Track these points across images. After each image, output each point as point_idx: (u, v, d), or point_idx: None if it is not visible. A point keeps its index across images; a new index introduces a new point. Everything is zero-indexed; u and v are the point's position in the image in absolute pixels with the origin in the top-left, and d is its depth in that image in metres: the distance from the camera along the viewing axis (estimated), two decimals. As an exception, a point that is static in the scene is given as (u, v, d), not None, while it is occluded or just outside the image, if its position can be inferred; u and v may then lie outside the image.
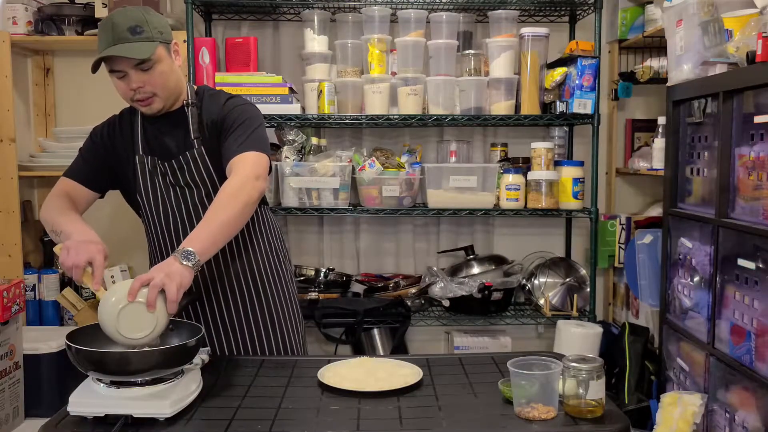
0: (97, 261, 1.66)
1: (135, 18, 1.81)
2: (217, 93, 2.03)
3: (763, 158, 1.90)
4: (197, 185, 1.96)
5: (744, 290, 1.99)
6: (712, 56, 2.17)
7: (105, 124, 2.06)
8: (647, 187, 3.40)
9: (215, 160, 1.94)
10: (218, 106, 1.96)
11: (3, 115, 2.88)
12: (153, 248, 2.06)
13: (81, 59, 3.26)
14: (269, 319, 2.05)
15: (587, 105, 2.92)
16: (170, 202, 1.98)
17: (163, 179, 1.97)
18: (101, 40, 1.82)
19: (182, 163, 1.95)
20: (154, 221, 2.00)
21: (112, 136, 2.02)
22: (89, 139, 2.06)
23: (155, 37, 1.83)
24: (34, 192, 3.25)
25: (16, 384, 2.50)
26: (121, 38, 1.79)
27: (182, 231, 1.97)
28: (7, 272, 2.88)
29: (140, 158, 1.97)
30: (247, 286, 2.04)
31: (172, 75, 1.90)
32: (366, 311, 2.94)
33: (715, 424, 2.16)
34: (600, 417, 1.53)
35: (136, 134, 1.99)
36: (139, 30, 1.80)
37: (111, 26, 1.80)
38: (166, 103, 1.92)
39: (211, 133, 1.95)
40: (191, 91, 1.99)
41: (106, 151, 2.02)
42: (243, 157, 1.83)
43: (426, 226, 3.38)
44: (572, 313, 3.04)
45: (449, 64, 2.97)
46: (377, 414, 1.56)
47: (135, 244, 3.07)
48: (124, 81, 1.84)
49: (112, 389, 1.51)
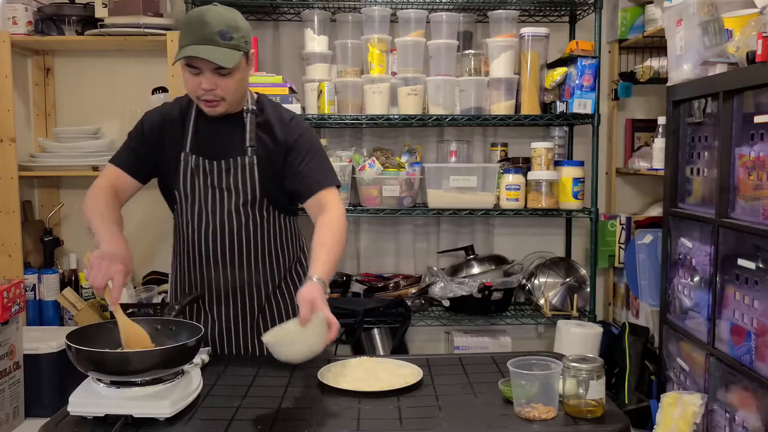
0: (116, 281, 1.66)
1: (227, 22, 1.79)
2: (277, 106, 2.03)
3: (763, 158, 1.90)
4: (238, 191, 1.94)
5: (744, 290, 1.99)
6: (712, 56, 2.17)
7: (158, 113, 2.02)
8: (647, 187, 3.40)
9: (263, 170, 1.94)
10: (283, 123, 1.96)
11: (3, 115, 2.88)
12: (180, 245, 2.04)
13: (81, 59, 3.26)
14: (284, 318, 2.05)
15: (587, 105, 2.92)
16: (207, 205, 1.96)
17: (205, 180, 1.95)
18: (187, 33, 1.79)
19: (230, 166, 1.94)
20: (186, 219, 1.99)
21: (163, 127, 1.98)
22: (140, 126, 2.02)
23: (241, 47, 1.82)
24: (34, 192, 3.25)
25: (16, 384, 2.50)
26: (210, 39, 1.77)
27: (212, 235, 1.96)
28: (7, 272, 2.88)
29: (185, 155, 1.95)
30: (273, 290, 2.04)
31: (244, 83, 1.91)
32: (366, 311, 2.94)
33: (715, 424, 2.16)
34: (600, 417, 1.53)
35: (187, 130, 1.97)
36: (228, 36, 1.78)
37: (201, 23, 1.77)
38: (229, 108, 1.91)
39: (267, 146, 1.94)
40: (251, 97, 1.99)
41: (154, 141, 1.99)
42: (332, 194, 1.93)
43: (426, 226, 3.38)
44: (572, 313, 3.04)
45: (449, 64, 2.97)
46: (377, 414, 1.56)
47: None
48: (197, 78, 1.83)
49: (112, 389, 1.51)
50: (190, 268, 2.01)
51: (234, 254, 1.97)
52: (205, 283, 2.00)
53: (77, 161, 3.00)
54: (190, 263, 2.01)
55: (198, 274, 2.00)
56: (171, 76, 2.94)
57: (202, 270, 1.99)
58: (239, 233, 1.96)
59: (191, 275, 2.02)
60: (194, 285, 2.02)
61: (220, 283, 1.99)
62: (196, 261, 2.00)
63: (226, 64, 1.78)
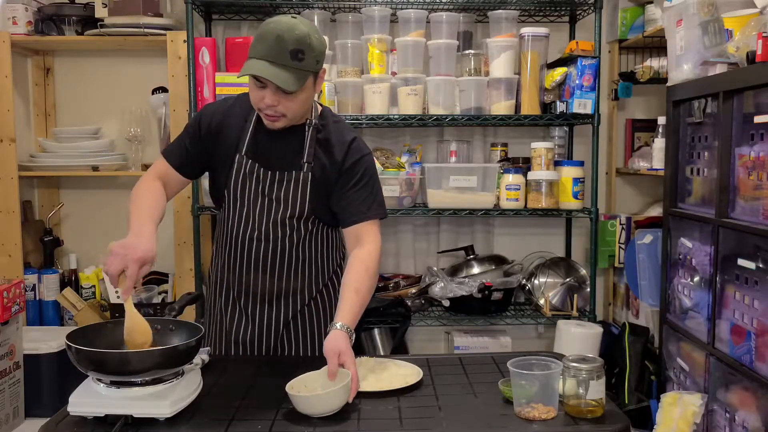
0: (130, 270, 1.62)
1: (301, 40, 1.73)
2: (341, 123, 2.00)
3: (763, 158, 1.90)
4: (287, 204, 1.93)
5: (744, 290, 1.99)
6: (712, 56, 2.17)
7: (219, 110, 1.98)
8: (647, 187, 3.40)
9: (315, 188, 1.93)
10: (343, 143, 1.94)
11: (3, 115, 2.88)
12: (223, 244, 2.02)
13: (81, 59, 3.27)
14: (317, 326, 2.05)
15: (587, 105, 2.92)
16: (254, 212, 1.95)
17: (256, 187, 1.94)
18: (260, 45, 1.74)
19: (284, 178, 1.92)
20: (232, 223, 1.97)
21: (222, 125, 1.95)
22: (197, 121, 1.98)
23: (310, 68, 1.77)
24: (34, 192, 3.25)
25: (16, 384, 2.50)
26: (280, 58, 1.72)
27: (256, 240, 1.95)
28: (7, 272, 2.88)
29: (241, 158, 1.93)
30: (310, 299, 2.03)
31: (309, 102, 1.88)
32: (366, 311, 2.92)
33: (715, 424, 2.16)
34: (600, 417, 1.53)
35: (245, 132, 1.94)
36: (300, 57, 1.73)
37: (275, 39, 1.72)
38: (290, 123, 1.89)
39: (324, 164, 1.93)
40: (315, 110, 1.96)
41: (210, 139, 1.96)
42: (373, 227, 1.96)
43: (426, 226, 3.38)
44: (572, 313, 3.04)
45: (449, 64, 2.97)
46: (377, 414, 1.56)
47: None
48: (261, 92, 1.79)
49: (112, 389, 1.51)
50: (232, 269, 2.00)
51: (276, 262, 1.96)
52: (243, 285, 1.99)
53: (77, 161, 3.01)
54: (231, 264, 2.00)
55: (238, 275, 1.99)
56: (171, 76, 2.94)
57: (242, 272, 1.98)
58: (282, 243, 1.95)
59: (231, 275, 2.01)
60: (233, 286, 2.01)
61: (258, 287, 1.98)
62: (237, 263, 1.99)
63: (290, 88, 1.75)
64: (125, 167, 3.10)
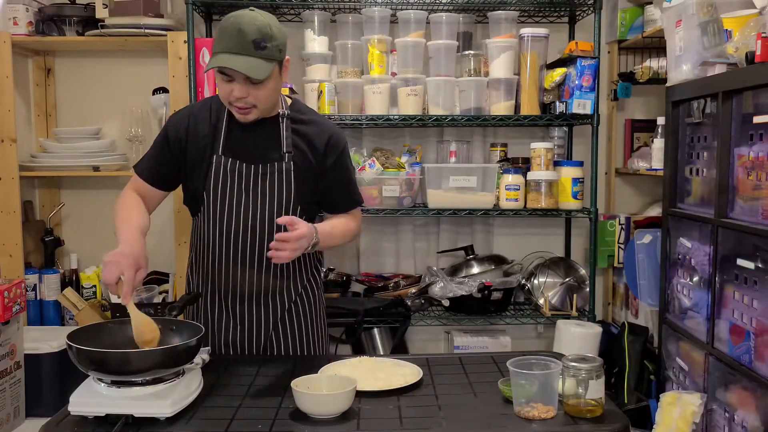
0: (127, 276, 1.66)
1: (262, 30, 1.77)
2: (312, 113, 2.05)
3: (762, 158, 1.90)
4: (272, 196, 1.94)
5: (743, 290, 2.00)
6: (712, 56, 2.17)
7: (183, 115, 1.99)
8: (646, 187, 3.41)
9: (299, 177, 1.95)
10: (321, 136, 1.97)
11: (4, 115, 2.88)
12: (203, 248, 2.01)
13: (82, 60, 3.27)
14: (304, 326, 2.06)
15: (587, 105, 2.92)
16: (239, 209, 1.95)
17: (239, 183, 1.94)
18: (222, 40, 1.78)
19: (267, 170, 1.93)
20: (214, 224, 1.96)
21: (193, 129, 1.96)
22: (164, 132, 1.99)
23: (274, 56, 1.80)
24: (35, 192, 3.25)
25: (17, 384, 2.51)
26: (244, 49, 1.76)
27: (241, 239, 1.95)
28: (8, 272, 2.88)
29: (218, 158, 1.94)
30: (295, 297, 2.04)
31: (277, 91, 1.90)
32: (366, 311, 2.94)
33: (715, 423, 2.17)
34: (599, 416, 1.54)
35: (219, 133, 1.95)
36: (263, 45, 1.76)
37: (237, 32, 1.76)
38: (262, 115, 1.90)
39: (304, 152, 1.95)
40: (285, 102, 1.98)
41: (178, 146, 1.96)
42: (357, 211, 2.11)
43: (426, 226, 3.38)
44: (572, 312, 3.04)
45: (449, 65, 2.98)
46: (377, 414, 1.56)
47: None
48: (229, 85, 1.82)
49: (112, 389, 1.52)
50: (218, 270, 1.99)
51: (263, 257, 1.94)
52: (230, 285, 1.98)
53: (78, 161, 3.01)
54: (217, 265, 1.99)
55: (224, 276, 1.98)
56: (172, 77, 2.94)
57: (229, 272, 1.97)
58: (270, 237, 1.93)
59: (217, 277, 1.99)
60: (218, 288, 2.00)
61: (245, 285, 1.97)
62: (224, 263, 1.97)
63: (257, 76, 1.77)
64: (126, 167, 3.10)
